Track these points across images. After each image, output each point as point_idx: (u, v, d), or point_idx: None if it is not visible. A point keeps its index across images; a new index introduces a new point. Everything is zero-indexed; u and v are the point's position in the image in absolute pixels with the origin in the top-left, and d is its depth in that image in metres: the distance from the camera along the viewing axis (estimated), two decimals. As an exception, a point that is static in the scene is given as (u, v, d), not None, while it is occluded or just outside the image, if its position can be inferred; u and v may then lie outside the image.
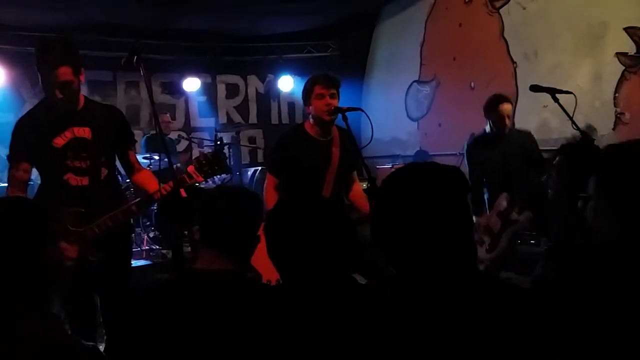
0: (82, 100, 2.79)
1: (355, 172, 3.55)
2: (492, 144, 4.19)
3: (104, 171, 2.79)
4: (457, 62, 6.97)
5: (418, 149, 7.32)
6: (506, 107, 4.08)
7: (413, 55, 7.64)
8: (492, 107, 4.09)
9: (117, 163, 2.98)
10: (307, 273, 1.52)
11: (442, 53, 7.21)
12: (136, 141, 3.29)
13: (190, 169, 2.82)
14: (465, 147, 4.37)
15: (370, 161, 7.02)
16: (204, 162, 2.83)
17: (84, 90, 2.89)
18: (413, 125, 7.70)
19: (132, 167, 2.96)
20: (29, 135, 2.68)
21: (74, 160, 2.70)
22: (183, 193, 2.69)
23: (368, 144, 3.26)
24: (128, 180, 4.96)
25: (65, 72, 2.63)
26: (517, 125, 6.14)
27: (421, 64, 7.57)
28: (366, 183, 3.08)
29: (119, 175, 3.47)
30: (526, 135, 4.36)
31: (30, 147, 2.69)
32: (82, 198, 2.66)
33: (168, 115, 7.24)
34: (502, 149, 4.17)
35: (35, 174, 2.81)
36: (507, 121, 4.11)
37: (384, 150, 7.64)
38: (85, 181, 2.71)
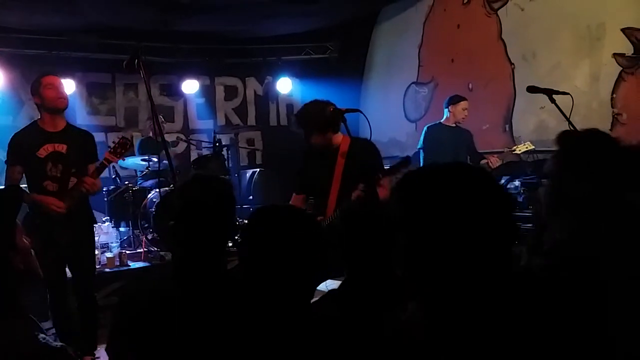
0: (63, 124, 3.68)
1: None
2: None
3: (73, 180, 3.59)
4: (455, 64, 6.98)
5: (416, 150, 7.32)
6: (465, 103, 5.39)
7: (411, 57, 7.65)
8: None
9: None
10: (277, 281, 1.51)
11: (440, 55, 7.23)
12: (98, 159, 3.85)
13: (106, 154, 3.62)
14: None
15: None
16: (116, 145, 3.64)
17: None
18: (411, 126, 7.71)
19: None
20: (22, 145, 3.54)
21: (52, 169, 3.54)
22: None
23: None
24: (127, 182, 4.91)
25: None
26: (516, 126, 6.18)
27: (419, 65, 7.59)
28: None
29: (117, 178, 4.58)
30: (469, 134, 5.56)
31: (22, 154, 3.54)
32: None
33: (161, 117, 7.26)
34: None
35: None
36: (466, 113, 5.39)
37: (382, 152, 7.50)
38: (57, 188, 3.55)
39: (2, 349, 1.27)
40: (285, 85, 8.46)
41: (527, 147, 5.25)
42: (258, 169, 7.89)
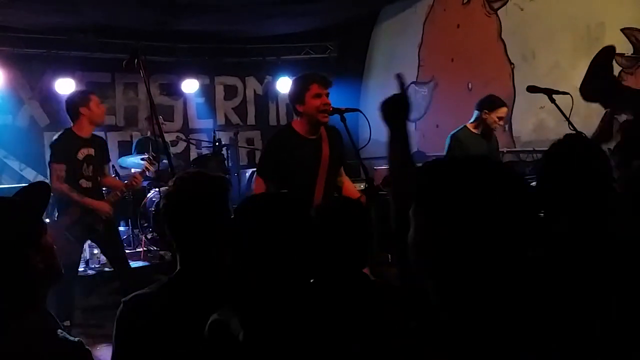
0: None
1: (342, 168, 3.54)
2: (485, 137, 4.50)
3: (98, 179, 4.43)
4: (455, 64, 6.98)
5: (416, 150, 7.32)
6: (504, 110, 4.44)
7: (411, 57, 7.65)
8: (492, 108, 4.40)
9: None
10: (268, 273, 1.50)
11: (439, 54, 7.22)
12: (110, 160, 4.82)
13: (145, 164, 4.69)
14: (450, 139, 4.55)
15: (368, 162, 7.03)
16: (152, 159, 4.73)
17: None
18: (411, 126, 7.67)
19: (104, 174, 4.56)
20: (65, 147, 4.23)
21: (85, 169, 4.27)
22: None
23: (366, 145, 3.25)
24: (126, 182, 4.96)
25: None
26: (515, 126, 6.18)
27: (419, 65, 7.59)
28: (364, 184, 3.08)
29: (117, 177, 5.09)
30: (496, 138, 4.77)
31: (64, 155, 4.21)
32: (88, 195, 4.25)
33: (161, 117, 7.25)
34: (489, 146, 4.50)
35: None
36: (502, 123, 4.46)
37: (382, 152, 7.49)
38: (90, 185, 4.31)
39: (23, 344, 1.28)
40: (285, 84, 8.45)
41: None
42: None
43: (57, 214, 4.27)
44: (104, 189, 4.84)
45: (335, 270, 1.67)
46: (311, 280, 1.59)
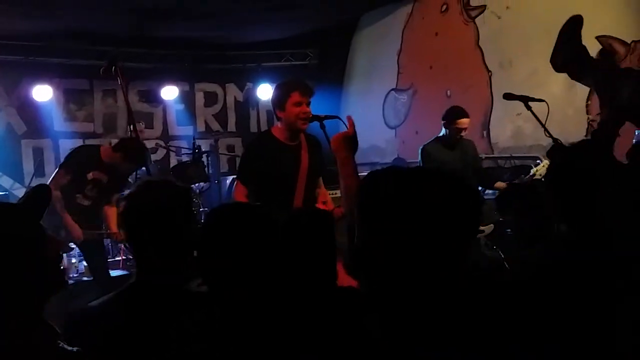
0: None
1: (321, 178, 3.54)
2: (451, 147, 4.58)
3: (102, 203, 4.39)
4: (434, 71, 7.05)
5: (396, 156, 7.38)
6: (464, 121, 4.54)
7: (390, 64, 7.71)
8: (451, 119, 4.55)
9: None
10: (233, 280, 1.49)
11: (419, 62, 7.30)
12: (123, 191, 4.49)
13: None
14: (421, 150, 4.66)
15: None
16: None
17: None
18: (391, 133, 7.76)
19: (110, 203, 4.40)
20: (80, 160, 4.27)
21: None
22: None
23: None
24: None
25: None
26: (493, 132, 6.26)
27: (398, 72, 7.65)
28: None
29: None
30: (472, 145, 4.83)
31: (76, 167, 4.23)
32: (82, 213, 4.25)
33: (142, 124, 7.20)
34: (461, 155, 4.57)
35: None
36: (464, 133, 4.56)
37: (362, 158, 7.66)
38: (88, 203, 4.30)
39: (27, 356, 1.26)
40: (265, 91, 8.46)
41: (544, 166, 4.39)
42: (238, 176, 7.86)
43: None
44: None
45: (302, 282, 1.67)
46: (278, 292, 1.59)
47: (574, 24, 2.24)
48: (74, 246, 4.51)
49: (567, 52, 2.05)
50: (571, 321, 1.37)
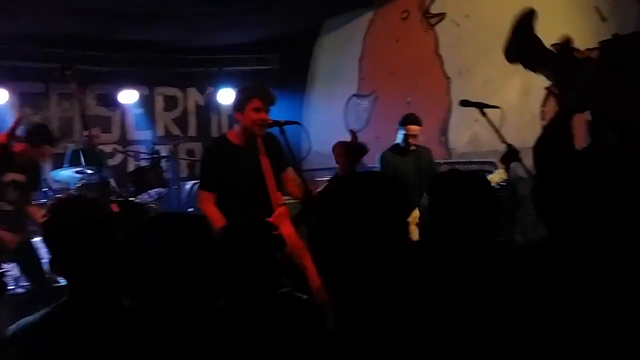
0: None
1: (290, 169, 3.54)
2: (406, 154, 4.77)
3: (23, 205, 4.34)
4: (394, 77, 7.12)
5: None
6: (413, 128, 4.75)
7: (352, 70, 7.76)
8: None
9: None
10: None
11: (380, 68, 7.36)
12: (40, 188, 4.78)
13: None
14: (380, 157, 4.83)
15: (311, 174, 7.08)
16: None
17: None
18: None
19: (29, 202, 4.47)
20: None
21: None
22: (115, 207, 2.68)
23: (305, 157, 3.28)
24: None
25: None
26: (451, 138, 6.36)
27: (360, 78, 7.70)
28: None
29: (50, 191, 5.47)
30: (428, 152, 5.02)
31: None
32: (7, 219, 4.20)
33: (98, 129, 7.06)
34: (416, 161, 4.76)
35: None
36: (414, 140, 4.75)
37: (325, 163, 7.67)
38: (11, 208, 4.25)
39: None
40: (227, 96, 8.39)
41: (500, 176, 4.34)
42: (198, 181, 7.77)
43: None
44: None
45: (242, 292, 1.67)
46: (216, 302, 1.58)
47: (527, 15, 2.29)
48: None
49: (521, 41, 2.10)
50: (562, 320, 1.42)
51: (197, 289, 1.46)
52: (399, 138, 4.83)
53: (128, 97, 7.94)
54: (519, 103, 5.52)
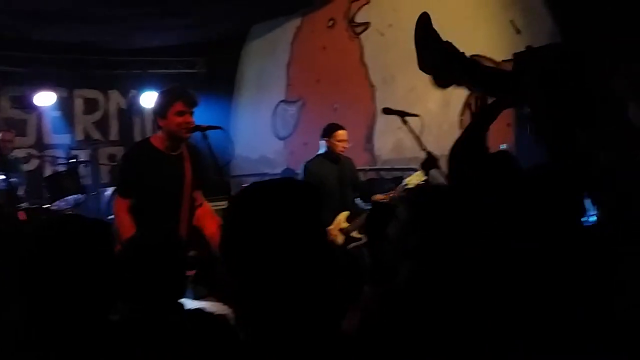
0: None
1: (200, 192, 3.46)
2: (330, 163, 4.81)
3: None
4: (321, 84, 7.20)
5: (285, 167, 7.42)
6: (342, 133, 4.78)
7: (280, 76, 7.77)
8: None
9: None
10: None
11: (307, 75, 7.41)
12: None
13: None
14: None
15: (239, 179, 7.02)
16: None
17: None
18: (280, 144, 7.80)
19: None
20: None
21: None
22: (22, 216, 2.56)
23: (229, 163, 3.25)
24: None
25: None
26: (377, 145, 6.49)
27: (288, 84, 7.73)
28: (226, 202, 3.06)
29: None
30: (350, 162, 5.06)
31: None
32: None
33: (11, 132, 6.68)
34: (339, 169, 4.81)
35: None
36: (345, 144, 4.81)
37: (253, 169, 7.65)
38: None
39: None
40: (150, 99, 8.18)
41: (418, 178, 4.55)
42: (120, 187, 7.52)
43: None
44: None
45: (143, 305, 1.64)
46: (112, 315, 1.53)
47: (424, 24, 2.32)
48: None
49: (434, 54, 2.13)
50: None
51: (89, 300, 1.41)
52: (322, 148, 4.88)
53: (45, 99, 7.57)
54: (439, 112, 5.71)
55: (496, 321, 1.42)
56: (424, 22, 2.21)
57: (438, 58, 2.21)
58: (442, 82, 2.37)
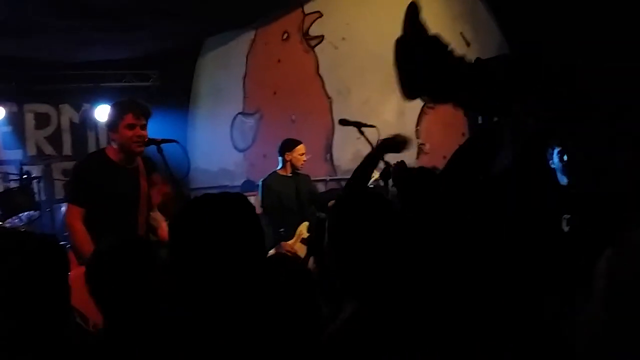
0: None
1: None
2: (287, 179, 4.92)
3: None
4: (278, 96, 7.24)
5: (245, 179, 7.42)
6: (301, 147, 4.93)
7: (236, 88, 7.78)
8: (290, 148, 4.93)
9: None
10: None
11: (263, 87, 7.45)
12: None
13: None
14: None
15: (198, 192, 6.96)
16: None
17: None
18: (239, 155, 7.79)
19: None
20: None
21: None
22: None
23: (186, 176, 3.23)
24: None
25: None
26: (336, 155, 6.58)
27: (244, 96, 7.74)
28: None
29: None
30: (307, 177, 5.19)
31: None
32: None
33: None
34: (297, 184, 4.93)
35: None
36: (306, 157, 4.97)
37: (212, 181, 7.61)
38: None
39: None
40: (104, 112, 8.04)
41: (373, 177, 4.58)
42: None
43: None
44: None
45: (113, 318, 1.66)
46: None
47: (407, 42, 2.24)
48: None
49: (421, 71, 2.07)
50: None
51: (42, 317, 1.42)
52: (279, 164, 4.97)
53: (-6, 114, 7.37)
54: (395, 123, 5.83)
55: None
56: (407, 41, 2.19)
57: (428, 72, 2.19)
58: (439, 98, 2.41)
